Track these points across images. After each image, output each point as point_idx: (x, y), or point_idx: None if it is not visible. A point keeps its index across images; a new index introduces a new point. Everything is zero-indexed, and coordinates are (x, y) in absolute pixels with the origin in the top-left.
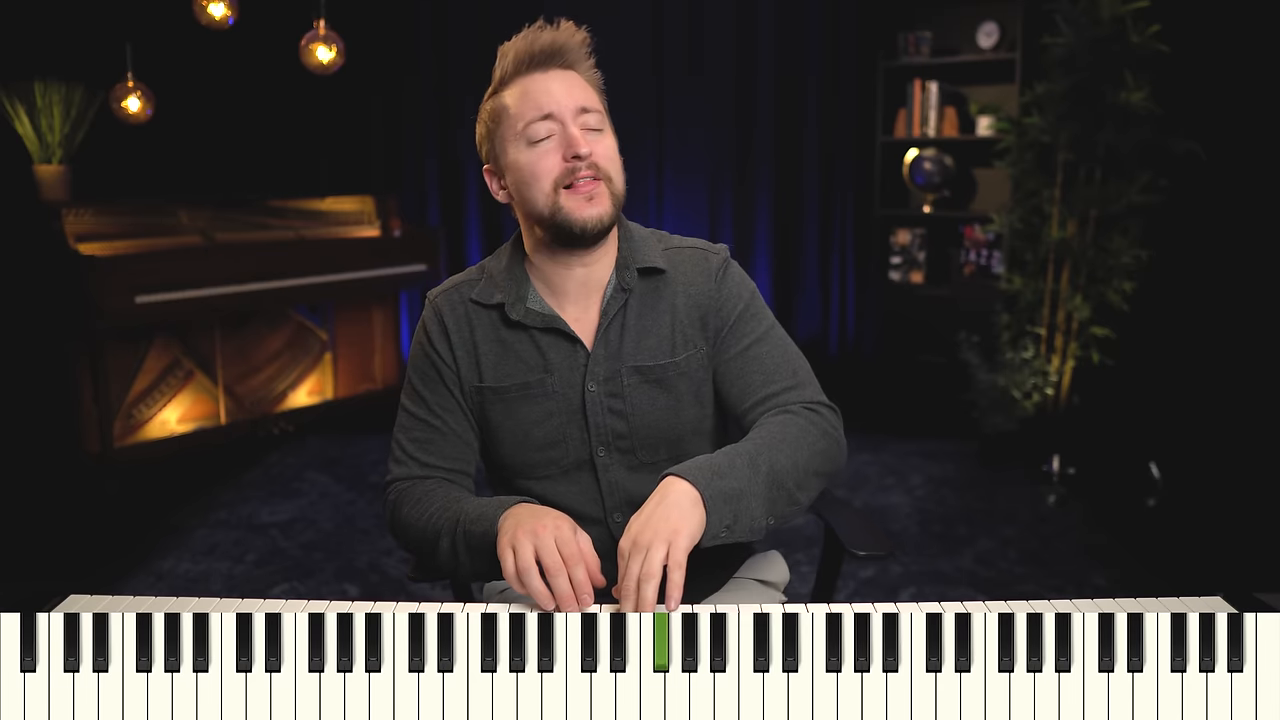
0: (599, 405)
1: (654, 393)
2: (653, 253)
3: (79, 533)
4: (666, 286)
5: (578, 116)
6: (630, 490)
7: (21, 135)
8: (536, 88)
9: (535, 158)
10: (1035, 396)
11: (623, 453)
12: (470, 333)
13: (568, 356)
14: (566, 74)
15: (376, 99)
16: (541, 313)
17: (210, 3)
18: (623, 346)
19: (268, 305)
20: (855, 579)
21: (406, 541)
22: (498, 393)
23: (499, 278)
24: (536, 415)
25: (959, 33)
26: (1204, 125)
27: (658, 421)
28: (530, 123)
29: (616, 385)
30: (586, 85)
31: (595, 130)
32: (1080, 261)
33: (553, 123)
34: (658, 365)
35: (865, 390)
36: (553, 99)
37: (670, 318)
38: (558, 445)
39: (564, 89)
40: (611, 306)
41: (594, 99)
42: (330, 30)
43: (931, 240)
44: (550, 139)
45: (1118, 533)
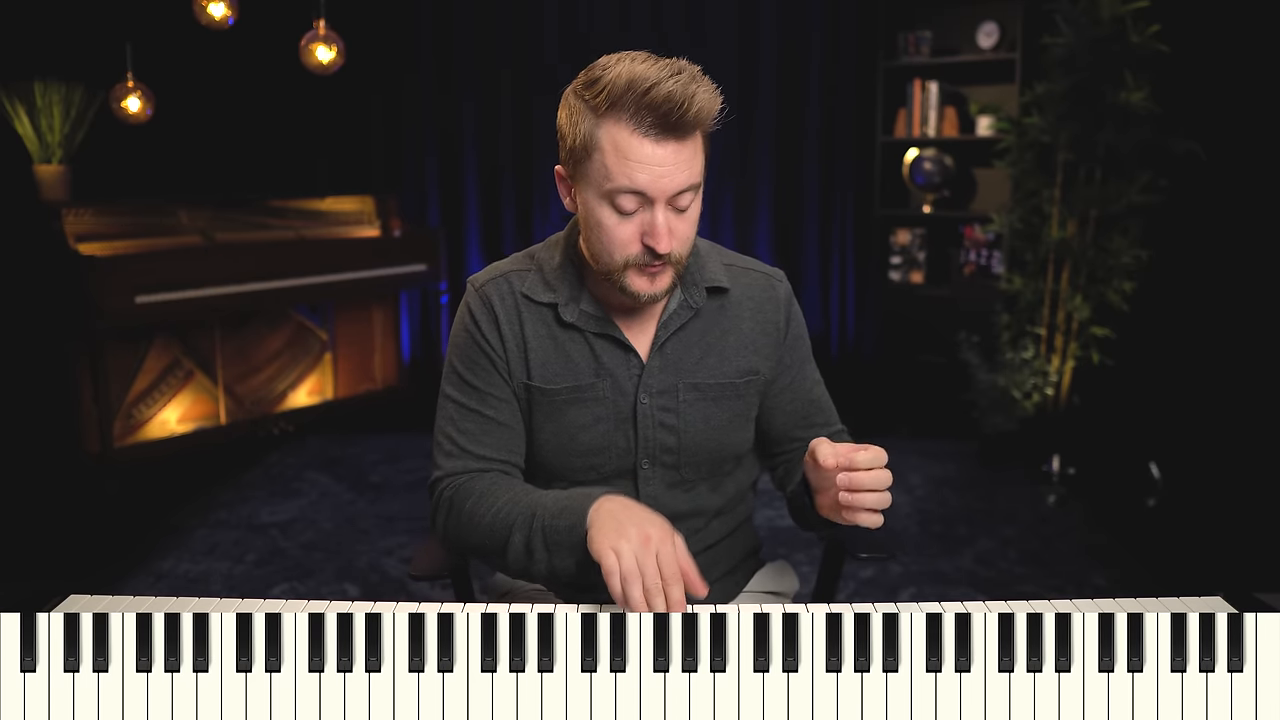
0: (650, 418)
1: (710, 410)
2: (717, 270)
3: (79, 533)
4: (732, 307)
5: (673, 199)
6: (665, 505)
7: (21, 135)
8: (642, 157)
9: (614, 224)
10: (1035, 396)
11: (666, 468)
12: (521, 326)
13: (622, 364)
14: (683, 146)
15: (376, 99)
16: (596, 316)
17: (210, 3)
18: (682, 362)
19: (268, 305)
20: (855, 579)
21: (465, 541)
22: (546, 394)
23: (550, 274)
24: (584, 420)
25: (959, 33)
26: (1204, 125)
27: (708, 440)
28: (619, 192)
29: (672, 400)
30: (696, 156)
31: (683, 210)
32: (1080, 261)
33: (642, 201)
34: (718, 384)
35: (865, 390)
36: (652, 181)
37: (736, 339)
38: (602, 452)
39: (670, 171)
40: (674, 321)
41: (697, 172)
42: (330, 30)
43: (931, 240)
44: (635, 215)
45: (1118, 533)
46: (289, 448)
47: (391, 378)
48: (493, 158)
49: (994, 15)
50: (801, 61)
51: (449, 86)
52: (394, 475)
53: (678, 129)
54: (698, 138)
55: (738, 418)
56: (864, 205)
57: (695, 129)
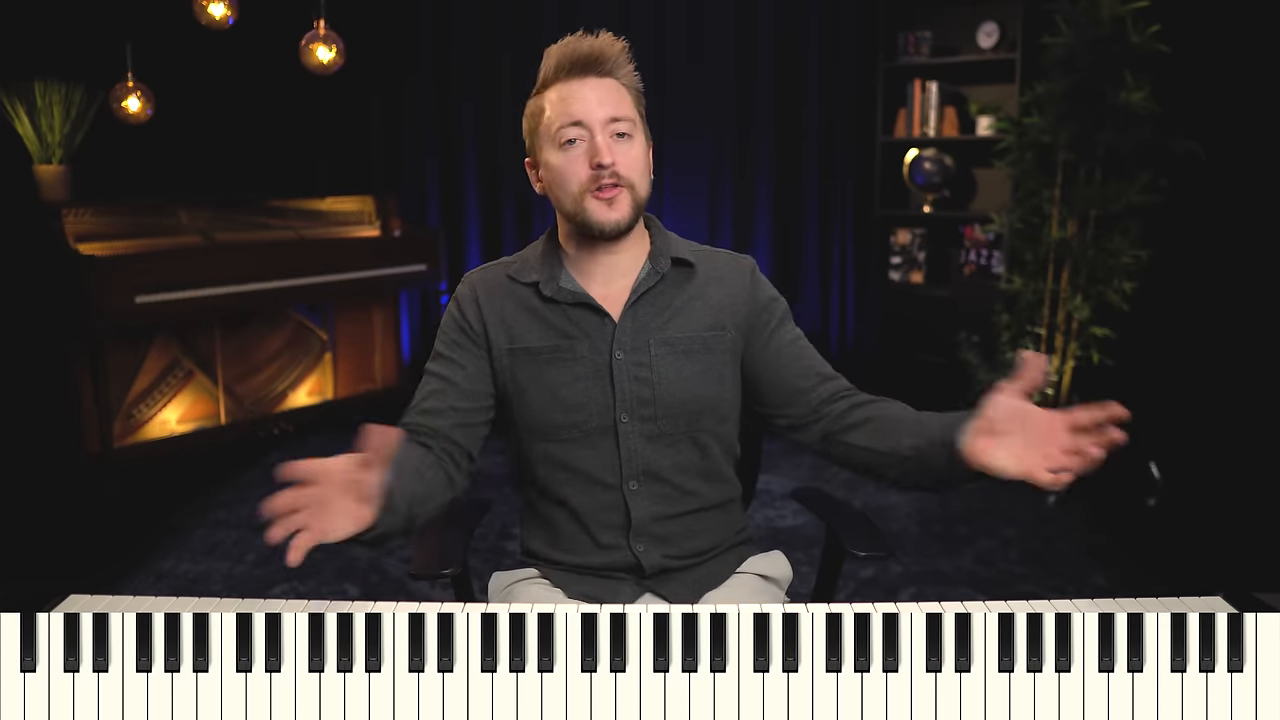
0: (625, 372)
1: (680, 363)
2: (682, 250)
3: (79, 533)
4: (698, 278)
5: (606, 125)
6: (647, 459)
7: (21, 135)
8: (571, 94)
9: (565, 161)
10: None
11: (644, 420)
12: (503, 302)
13: (596, 327)
14: (602, 82)
15: (376, 99)
16: (572, 290)
17: (210, 3)
18: (651, 321)
19: (268, 305)
20: (855, 579)
21: None
22: (530, 352)
23: (534, 260)
24: (565, 378)
25: (959, 33)
26: (1204, 125)
27: (681, 391)
28: (562, 127)
29: (644, 355)
30: (622, 92)
31: (624, 137)
32: (1080, 261)
33: (582, 129)
34: (686, 338)
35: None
36: (584, 108)
37: (701, 303)
38: (582, 408)
39: (596, 98)
40: (643, 285)
41: (626, 107)
42: (330, 30)
43: (931, 240)
44: (579, 144)
45: (1118, 533)
46: (289, 448)
47: (391, 378)
48: (493, 158)
49: (994, 15)
50: (801, 61)
51: (449, 86)
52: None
53: (594, 66)
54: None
55: (709, 371)
56: (864, 205)
57: (605, 66)
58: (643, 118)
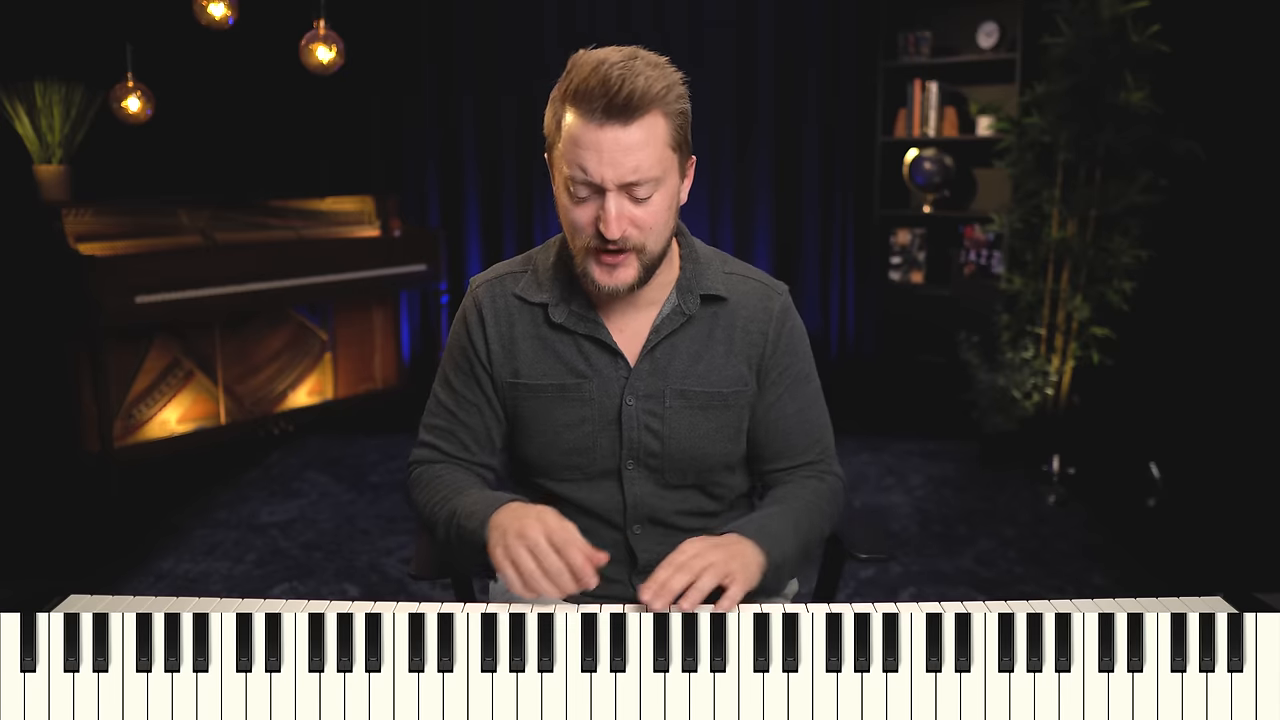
0: (635, 420)
1: (695, 418)
2: (716, 277)
3: (79, 533)
4: (726, 316)
5: (621, 189)
6: (652, 506)
7: (21, 135)
8: (590, 143)
9: (572, 208)
10: (1035, 397)
11: (651, 470)
12: (510, 328)
13: (609, 366)
14: (628, 132)
15: (376, 99)
16: (585, 317)
17: (210, 3)
18: (671, 367)
19: (268, 305)
20: (855, 579)
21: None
22: (533, 390)
23: (543, 275)
24: (569, 419)
25: (959, 33)
26: (1204, 125)
27: (693, 447)
28: (573, 178)
29: (658, 404)
30: (654, 135)
31: (642, 200)
32: (1080, 261)
33: (594, 187)
34: (705, 393)
35: (865, 390)
36: (598, 168)
37: (726, 349)
38: (586, 452)
39: (614, 160)
40: (666, 326)
41: (650, 161)
42: (330, 30)
43: (931, 240)
44: (589, 202)
45: (1118, 533)
46: (289, 448)
47: (391, 378)
48: (493, 158)
49: (994, 15)
50: (801, 61)
51: (449, 86)
52: (394, 475)
53: (620, 113)
54: (652, 126)
55: (725, 428)
56: (864, 205)
57: (637, 112)
58: (684, 145)
